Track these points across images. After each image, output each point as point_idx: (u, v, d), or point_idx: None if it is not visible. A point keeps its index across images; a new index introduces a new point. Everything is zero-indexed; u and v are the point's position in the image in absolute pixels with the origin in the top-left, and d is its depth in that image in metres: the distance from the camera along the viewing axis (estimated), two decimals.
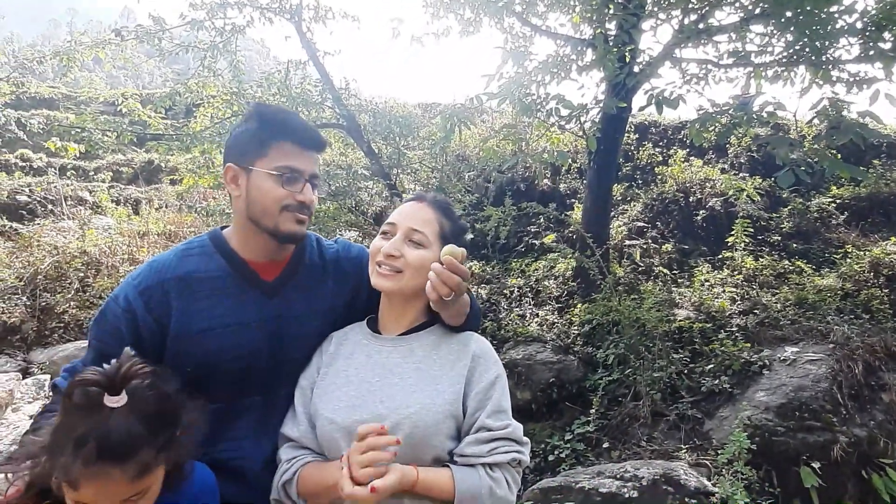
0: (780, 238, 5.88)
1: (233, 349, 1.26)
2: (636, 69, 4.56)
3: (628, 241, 6.14)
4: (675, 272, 5.62)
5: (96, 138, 6.26)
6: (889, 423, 3.41)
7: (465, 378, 1.21)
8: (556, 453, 3.81)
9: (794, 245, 5.79)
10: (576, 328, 4.89)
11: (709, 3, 4.44)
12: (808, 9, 3.65)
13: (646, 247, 5.97)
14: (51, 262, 5.52)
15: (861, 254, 5.21)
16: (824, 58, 4.03)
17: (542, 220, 6.60)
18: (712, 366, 4.04)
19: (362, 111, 6.80)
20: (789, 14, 3.80)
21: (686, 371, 4.11)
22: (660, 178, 6.99)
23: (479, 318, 1.41)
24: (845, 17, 3.81)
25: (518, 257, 6.34)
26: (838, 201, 6.22)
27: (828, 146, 4.01)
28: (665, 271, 5.55)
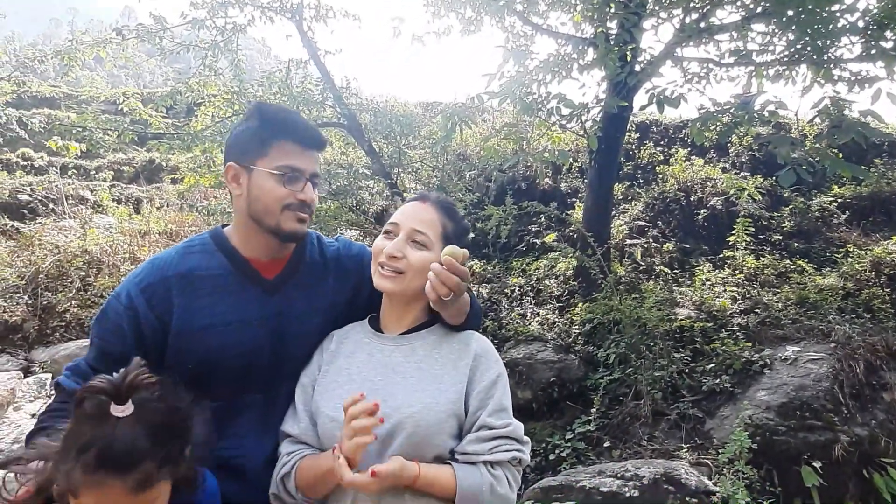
0: (781, 237, 5.87)
1: (234, 346, 1.26)
2: (637, 68, 4.55)
3: (629, 241, 6.13)
4: (676, 271, 5.61)
5: (97, 137, 6.28)
6: (890, 422, 3.41)
7: (467, 377, 1.21)
8: (556, 452, 3.82)
9: (796, 244, 5.78)
10: (577, 327, 4.89)
11: (710, 1, 4.43)
12: (809, 7, 3.65)
13: (647, 246, 5.97)
14: (52, 260, 5.53)
15: (862, 253, 5.20)
16: (826, 57, 4.03)
17: (543, 219, 6.59)
18: (713, 365, 4.04)
19: (363, 110, 6.80)
20: (791, 13, 3.79)
21: (687, 370, 4.11)
22: (661, 177, 6.98)
23: (479, 318, 1.41)
24: (847, 16, 3.80)
25: (519, 256, 6.34)
26: (840, 200, 6.21)
27: (829, 145, 4.00)
28: (666, 270, 5.55)
